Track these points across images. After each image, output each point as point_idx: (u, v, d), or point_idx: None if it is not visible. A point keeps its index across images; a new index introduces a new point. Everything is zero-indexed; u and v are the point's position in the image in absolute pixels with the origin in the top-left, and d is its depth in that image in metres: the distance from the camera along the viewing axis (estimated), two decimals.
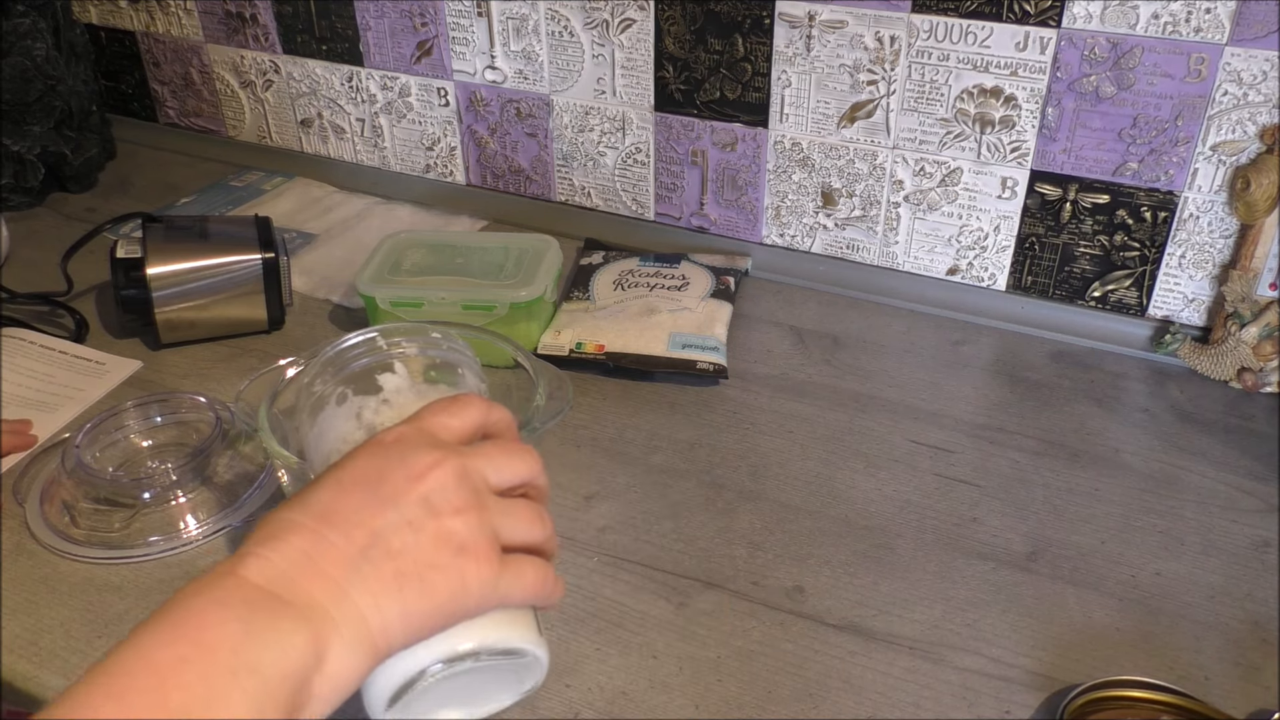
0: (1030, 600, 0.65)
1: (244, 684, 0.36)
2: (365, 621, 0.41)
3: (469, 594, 0.44)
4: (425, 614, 0.43)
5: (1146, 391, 0.85)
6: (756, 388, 0.85)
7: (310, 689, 0.39)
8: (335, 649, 0.40)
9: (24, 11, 1.09)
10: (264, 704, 0.37)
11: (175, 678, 0.36)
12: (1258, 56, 0.77)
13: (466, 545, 0.44)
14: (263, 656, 0.38)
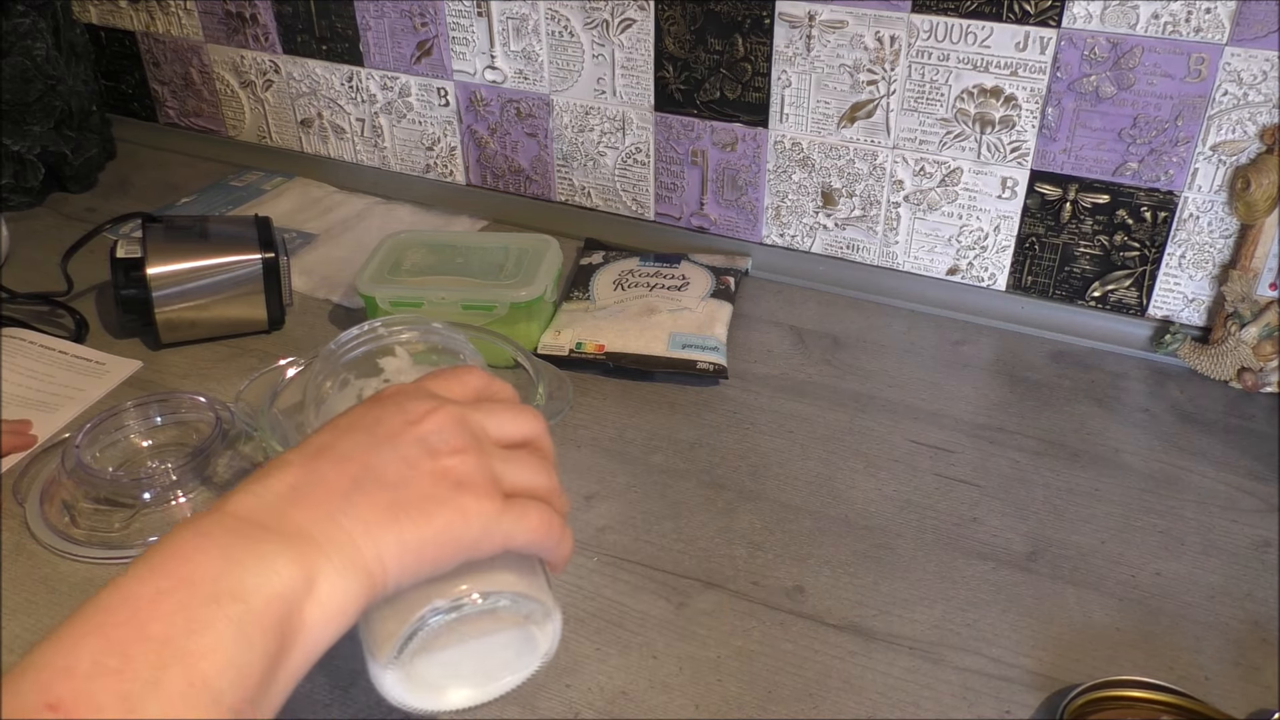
0: (1030, 600, 0.65)
1: (226, 610, 0.35)
2: (357, 547, 0.39)
3: (468, 526, 0.42)
4: (422, 543, 0.41)
5: (1146, 391, 0.85)
6: (756, 388, 0.85)
7: (302, 615, 0.37)
8: (326, 574, 0.38)
9: (24, 11, 1.09)
10: (249, 628, 0.35)
11: (153, 609, 0.34)
12: (1258, 56, 0.77)
13: (465, 481, 0.42)
14: (246, 581, 0.36)
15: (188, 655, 0.34)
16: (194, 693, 0.33)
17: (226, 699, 0.34)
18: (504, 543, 0.43)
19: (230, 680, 0.34)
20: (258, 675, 0.35)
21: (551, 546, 0.46)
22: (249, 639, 0.35)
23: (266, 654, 0.36)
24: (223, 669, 0.34)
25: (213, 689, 0.33)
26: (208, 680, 0.33)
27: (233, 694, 0.34)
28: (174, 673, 0.33)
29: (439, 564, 0.42)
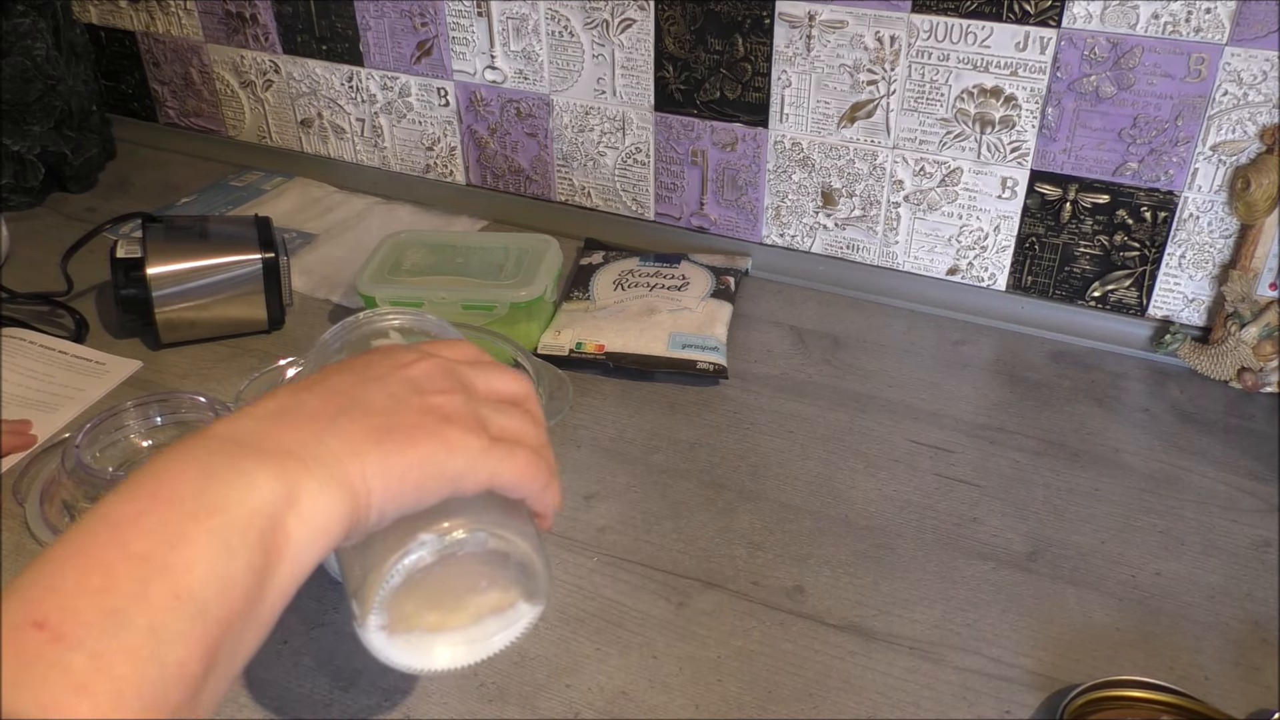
0: (1030, 600, 0.65)
1: (206, 524, 0.35)
2: (341, 465, 0.39)
3: (453, 456, 0.42)
4: (406, 467, 0.40)
5: (1146, 391, 0.85)
6: (756, 388, 0.85)
7: (285, 528, 0.37)
8: (308, 488, 0.38)
9: (24, 11, 1.09)
10: (230, 541, 0.35)
11: (134, 528, 0.34)
12: (1258, 56, 0.77)
13: (452, 416, 0.42)
14: (226, 496, 0.36)
15: (170, 569, 0.33)
16: (179, 604, 0.33)
17: (213, 610, 0.34)
18: (489, 478, 0.43)
19: (215, 592, 0.34)
20: (243, 588, 0.35)
21: (539, 490, 0.45)
22: (231, 551, 0.35)
23: (251, 567, 0.35)
24: (206, 581, 0.34)
25: (198, 600, 0.33)
26: (192, 592, 0.33)
27: (219, 605, 0.34)
28: (158, 586, 0.33)
29: (422, 491, 0.41)
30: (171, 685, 0.32)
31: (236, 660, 0.36)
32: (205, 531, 0.35)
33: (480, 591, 0.46)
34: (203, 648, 0.33)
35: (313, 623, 0.64)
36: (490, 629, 0.47)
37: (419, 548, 0.43)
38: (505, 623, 0.47)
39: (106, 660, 0.31)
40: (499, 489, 0.44)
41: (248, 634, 0.36)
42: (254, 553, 0.36)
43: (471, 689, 0.60)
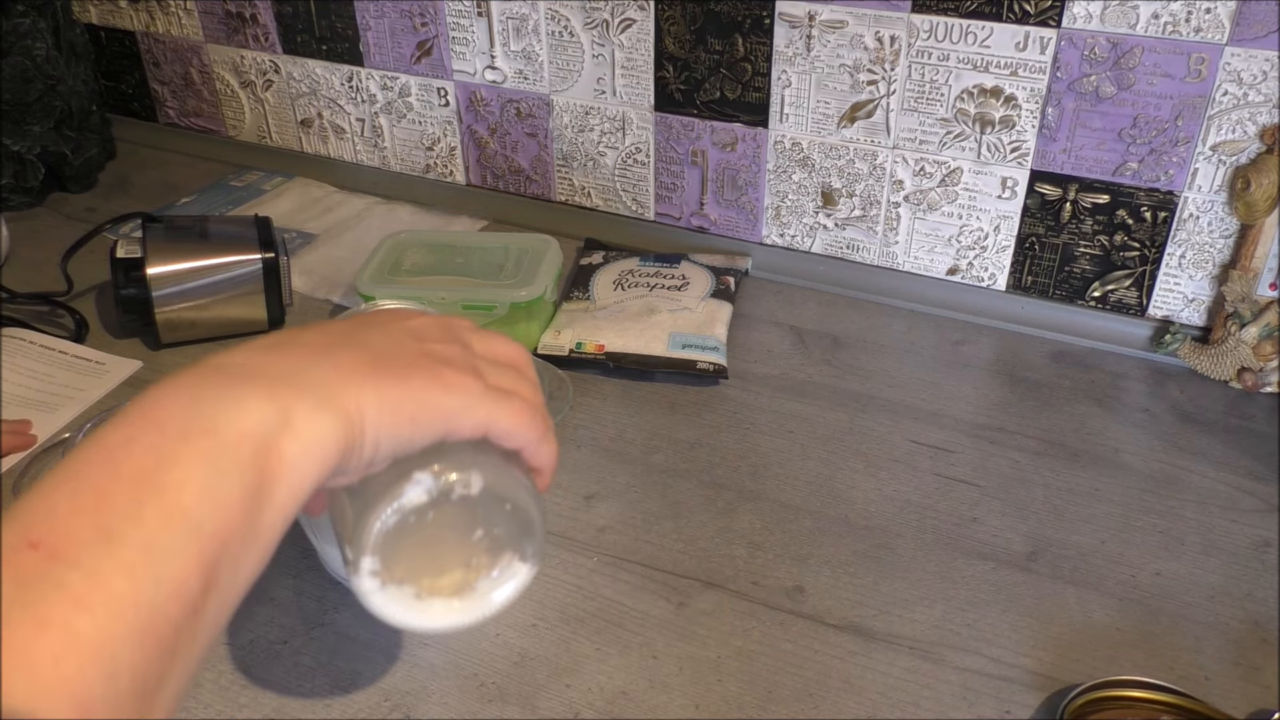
0: (1030, 600, 0.65)
1: (196, 445, 0.35)
2: (334, 390, 0.38)
3: (449, 394, 0.42)
4: (400, 398, 0.40)
5: (1146, 391, 0.85)
6: (756, 388, 0.85)
7: (279, 449, 0.36)
8: (301, 410, 0.37)
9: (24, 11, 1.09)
10: (221, 461, 0.35)
11: (126, 452, 0.34)
12: (1258, 56, 0.77)
13: (449, 362, 0.43)
14: (217, 418, 0.35)
15: (162, 489, 0.33)
16: (173, 522, 0.33)
17: (207, 527, 0.34)
18: (485, 420, 0.43)
19: (208, 510, 0.34)
20: (238, 508, 0.35)
21: (535, 441, 0.45)
22: (222, 471, 0.35)
23: (244, 487, 0.35)
24: (199, 499, 0.34)
25: (191, 518, 0.33)
26: (185, 510, 0.33)
27: (213, 523, 0.34)
28: (151, 506, 0.33)
29: (416, 426, 0.41)
30: (169, 600, 0.32)
31: (237, 583, 0.36)
32: (196, 452, 0.34)
33: (474, 546, 0.46)
34: (199, 565, 0.33)
35: (313, 623, 0.64)
36: (485, 588, 0.46)
37: (414, 486, 0.42)
38: (500, 581, 0.46)
39: (103, 576, 0.31)
40: (495, 435, 0.44)
41: (246, 556, 0.36)
42: (247, 473, 0.35)
43: (471, 689, 0.60)
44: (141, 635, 0.31)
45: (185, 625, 0.33)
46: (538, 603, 0.65)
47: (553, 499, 0.73)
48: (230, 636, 0.63)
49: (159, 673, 0.32)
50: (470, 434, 0.43)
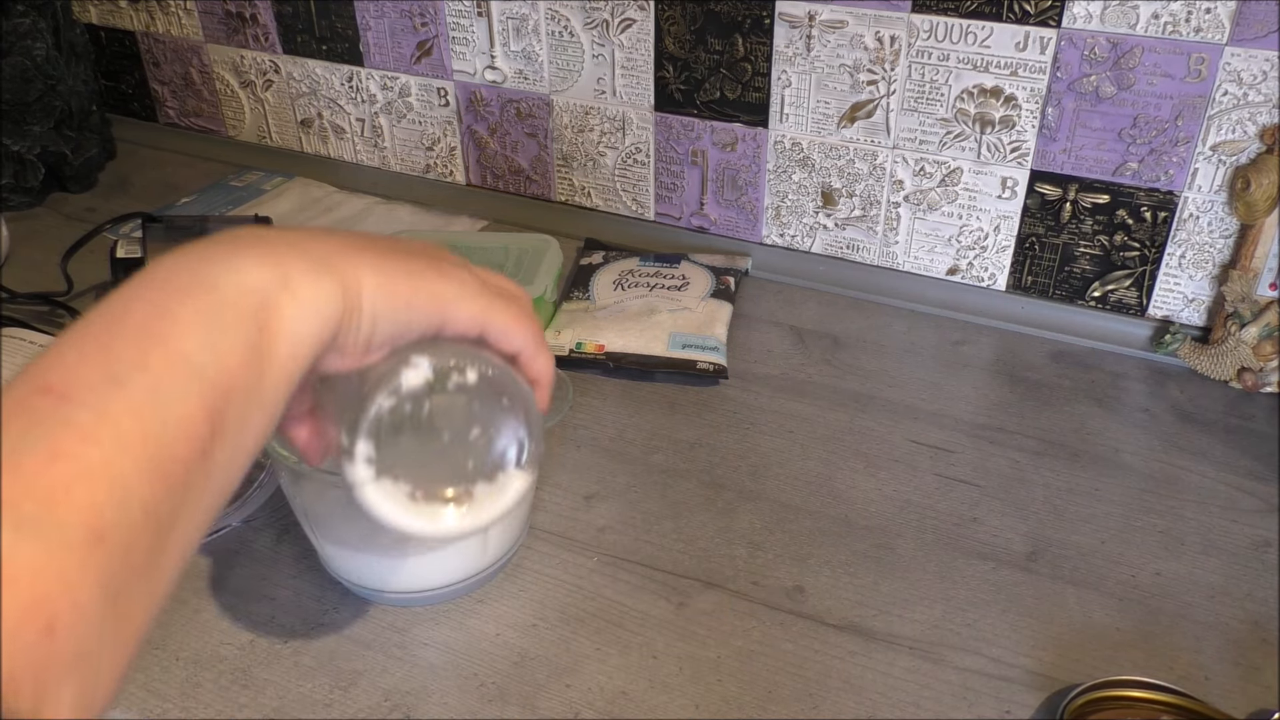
0: (1030, 600, 0.65)
1: (197, 299, 0.36)
2: (332, 259, 0.40)
3: (448, 282, 0.43)
4: (399, 278, 0.41)
5: (1146, 391, 0.85)
6: (756, 388, 0.85)
7: (279, 307, 0.37)
8: (300, 272, 0.38)
9: (24, 11, 1.09)
10: (222, 315, 0.36)
11: (128, 310, 0.36)
12: (1258, 56, 0.77)
13: (450, 260, 0.44)
14: (219, 277, 0.37)
15: (165, 338, 0.35)
16: (176, 368, 0.34)
17: (210, 373, 0.35)
18: (482, 315, 0.44)
19: (210, 358, 0.35)
20: (240, 358, 0.36)
21: (533, 346, 0.46)
22: (223, 324, 0.36)
23: (245, 340, 0.36)
24: (201, 347, 0.35)
25: (193, 364, 0.35)
26: (187, 355, 0.35)
27: (215, 371, 0.35)
28: (155, 353, 0.34)
29: (413, 310, 0.42)
30: (177, 440, 0.33)
31: (245, 440, 0.37)
32: (197, 306, 0.36)
33: (471, 449, 0.45)
34: (204, 409, 0.34)
35: (313, 623, 0.64)
36: (482, 494, 0.46)
37: (411, 369, 0.42)
38: (497, 489, 0.46)
39: (111, 415, 0.32)
40: (491, 333, 0.45)
41: (252, 412, 0.37)
42: (247, 326, 0.36)
43: (471, 689, 0.60)
44: (151, 470, 0.32)
45: (195, 467, 0.34)
46: (538, 603, 0.65)
47: (553, 499, 0.73)
48: (230, 636, 0.63)
49: (170, 510, 0.33)
50: (467, 327, 0.44)
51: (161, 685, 0.60)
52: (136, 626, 0.33)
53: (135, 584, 0.32)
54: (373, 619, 0.64)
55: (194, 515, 0.35)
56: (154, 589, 0.34)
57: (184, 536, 0.35)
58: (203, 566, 0.68)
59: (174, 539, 0.34)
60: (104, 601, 0.30)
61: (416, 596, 0.65)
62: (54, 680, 0.29)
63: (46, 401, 0.32)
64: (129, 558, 0.31)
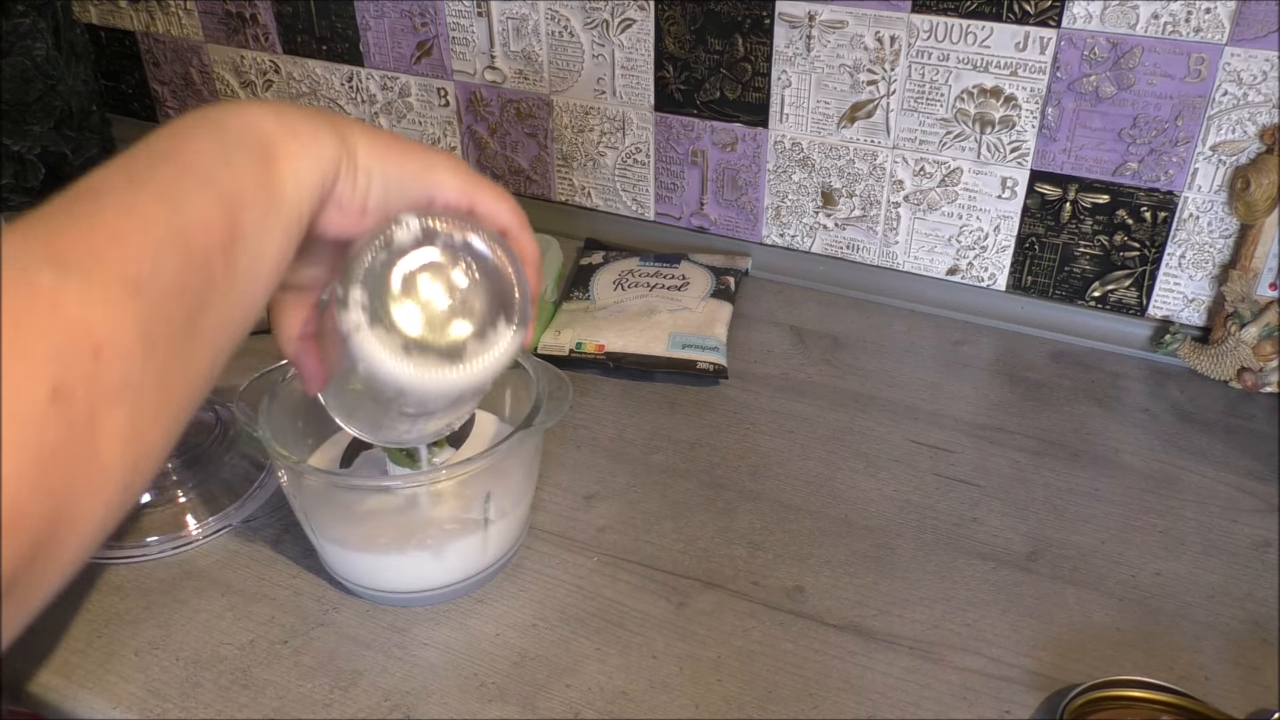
0: (1030, 600, 0.65)
1: (206, 130, 0.40)
2: (331, 120, 0.44)
3: (438, 156, 0.47)
4: (392, 143, 0.45)
5: (1146, 391, 0.85)
6: (756, 388, 0.85)
7: (284, 145, 0.41)
8: (300, 121, 0.42)
9: (24, 11, 1.09)
10: (228, 140, 0.40)
11: (143, 144, 0.39)
12: (1258, 56, 0.77)
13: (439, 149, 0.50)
14: (225, 116, 0.41)
15: (176, 153, 0.39)
16: (192, 174, 0.38)
17: (222, 184, 0.38)
18: (471, 189, 0.48)
19: (223, 175, 0.39)
20: (250, 179, 0.40)
21: (518, 224, 0.49)
22: (232, 149, 0.40)
23: (254, 165, 0.40)
24: (212, 164, 0.39)
25: (206, 173, 0.38)
26: (199, 168, 0.39)
27: (227, 183, 0.39)
28: (170, 166, 0.38)
29: (404, 171, 0.46)
30: (196, 228, 0.37)
31: (264, 254, 0.40)
32: (208, 136, 0.40)
33: (463, 307, 0.47)
34: (220, 210, 0.38)
35: (313, 623, 0.64)
36: (473, 349, 0.47)
37: (402, 227, 0.45)
38: (487, 345, 0.47)
39: (137, 204, 0.36)
40: (479, 206, 0.48)
41: (267, 231, 0.40)
42: (255, 154, 0.40)
43: (471, 689, 0.60)
44: (177, 247, 0.36)
45: (218, 260, 0.38)
46: (538, 603, 0.65)
47: (552, 499, 0.73)
48: (230, 636, 0.63)
49: (199, 292, 0.37)
50: (456, 198, 0.47)
51: (161, 685, 0.60)
52: (177, 399, 0.37)
53: (172, 348, 0.35)
54: (373, 619, 0.64)
55: (222, 311, 0.38)
56: (190, 368, 0.37)
57: (214, 329, 0.38)
58: (203, 566, 0.68)
59: (205, 325, 0.37)
60: (144, 347, 0.34)
61: (416, 596, 0.65)
62: (104, 402, 0.32)
63: (79, 199, 0.36)
64: (165, 317, 0.35)
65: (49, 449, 0.30)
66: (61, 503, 0.31)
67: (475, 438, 0.68)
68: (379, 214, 0.45)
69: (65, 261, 0.33)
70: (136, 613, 0.65)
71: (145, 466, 0.35)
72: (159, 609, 0.65)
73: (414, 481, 0.63)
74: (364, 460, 0.67)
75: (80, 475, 0.32)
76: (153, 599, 0.66)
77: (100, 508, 0.33)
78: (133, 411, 0.33)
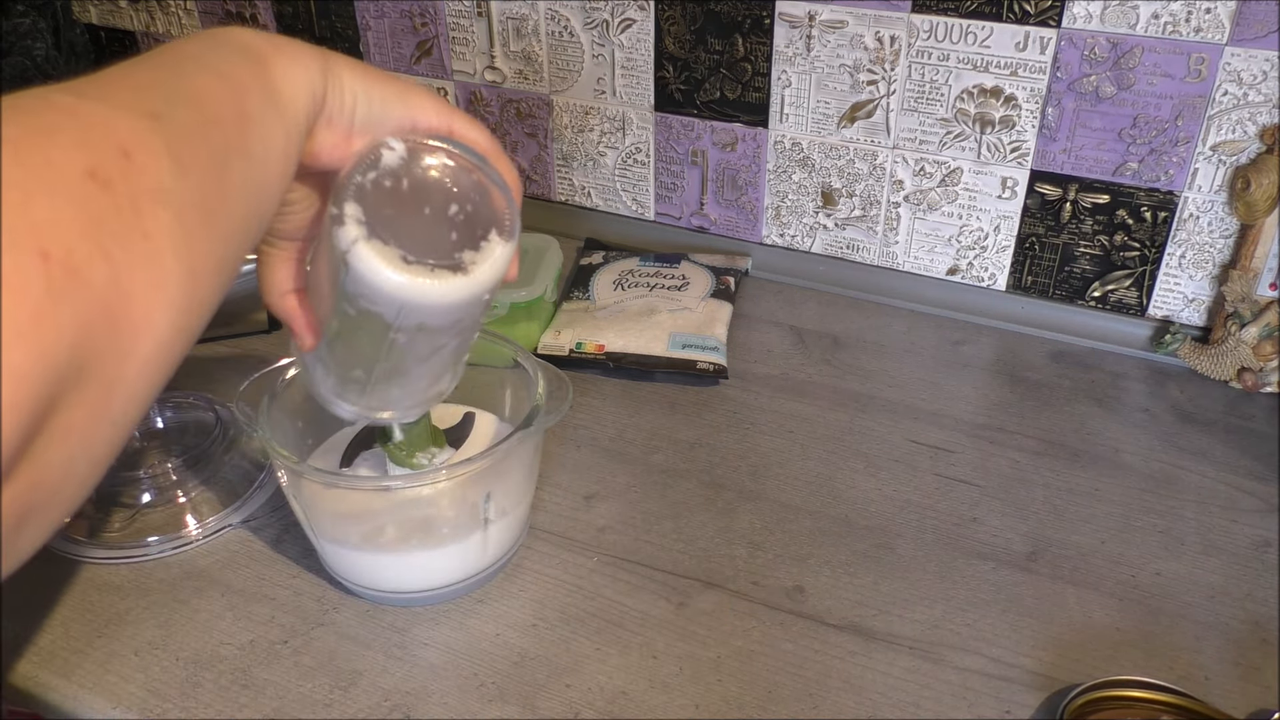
0: (1030, 600, 0.65)
1: (203, 41, 0.41)
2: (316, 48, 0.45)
3: (417, 87, 0.49)
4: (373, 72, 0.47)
5: (1146, 391, 0.85)
6: (756, 388, 0.85)
7: (275, 61, 0.42)
8: (288, 44, 0.43)
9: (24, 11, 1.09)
10: (222, 49, 0.41)
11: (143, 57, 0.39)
12: (1258, 56, 0.77)
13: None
14: (219, 35, 0.42)
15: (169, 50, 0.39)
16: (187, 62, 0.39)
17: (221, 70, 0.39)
18: (449, 116, 0.49)
19: (222, 66, 0.39)
20: (248, 76, 0.40)
21: (496, 150, 0.50)
22: (227, 55, 0.40)
23: (247, 65, 0.40)
24: (208, 57, 0.40)
25: (202, 60, 0.39)
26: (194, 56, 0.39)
27: (228, 72, 0.39)
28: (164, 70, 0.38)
29: (386, 98, 0.47)
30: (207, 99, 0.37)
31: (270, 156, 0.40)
32: (203, 44, 0.41)
33: (453, 219, 0.48)
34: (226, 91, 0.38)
35: (313, 623, 0.64)
36: (468, 259, 0.48)
37: (389, 149, 0.46)
38: (483, 256, 0.48)
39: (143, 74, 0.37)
40: (457, 131, 0.49)
41: (272, 129, 0.40)
42: (246, 56, 0.41)
43: (471, 689, 0.60)
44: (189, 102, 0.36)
45: (232, 128, 0.38)
46: (538, 603, 0.65)
47: (552, 499, 0.73)
48: (230, 636, 0.63)
49: (220, 147, 0.36)
50: (436, 124, 0.49)
51: (161, 685, 0.60)
52: (220, 234, 0.36)
53: (206, 176, 0.35)
54: (373, 619, 0.64)
55: (244, 176, 0.38)
56: (227, 208, 0.36)
57: (240, 189, 0.37)
58: (203, 566, 0.68)
59: (231, 178, 0.36)
60: (174, 162, 0.33)
61: (416, 596, 0.65)
62: (145, 197, 0.31)
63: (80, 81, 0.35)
64: (190, 145, 0.34)
65: (95, 217, 0.29)
66: (120, 273, 0.30)
67: (475, 437, 0.68)
68: (364, 137, 0.47)
69: (80, 92, 0.33)
70: (136, 613, 0.65)
71: (202, 287, 0.34)
72: (159, 609, 0.65)
73: (414, 481, 0.63)
74: (364, 460, 0.67)
75: (137, 254, 0.31)
76: (153, 599, 0.66)
77: (163, 304, 0.32)
78: (178, 216, 0.33)
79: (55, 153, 0.29)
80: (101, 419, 0.31)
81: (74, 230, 0.29)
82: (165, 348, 0.33)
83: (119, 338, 0.30)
